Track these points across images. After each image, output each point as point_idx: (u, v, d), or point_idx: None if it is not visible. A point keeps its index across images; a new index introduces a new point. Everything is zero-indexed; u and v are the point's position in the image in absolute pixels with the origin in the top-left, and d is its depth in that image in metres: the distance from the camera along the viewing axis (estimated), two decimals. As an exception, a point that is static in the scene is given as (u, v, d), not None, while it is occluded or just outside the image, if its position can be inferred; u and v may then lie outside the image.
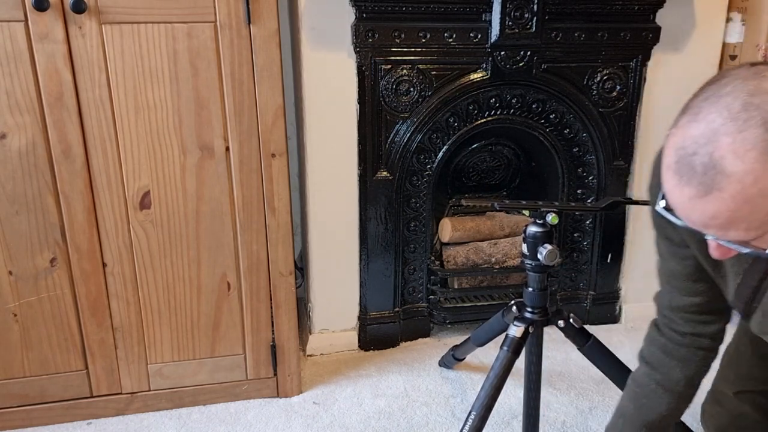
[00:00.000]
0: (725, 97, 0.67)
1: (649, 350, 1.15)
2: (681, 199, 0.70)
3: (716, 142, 0.66)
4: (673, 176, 0.70)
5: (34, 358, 1.48)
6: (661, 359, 1.11)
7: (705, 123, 0.67)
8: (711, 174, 0.66)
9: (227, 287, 1.52)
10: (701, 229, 0.72)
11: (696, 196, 0.68)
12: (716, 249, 0.76)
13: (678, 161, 0.69)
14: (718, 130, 0.66)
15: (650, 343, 1.15)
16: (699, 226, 0.72)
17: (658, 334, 1.13)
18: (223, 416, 1.57)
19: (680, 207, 0.72)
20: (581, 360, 1.61)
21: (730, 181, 0.66)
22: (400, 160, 1.74)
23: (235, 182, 1.44)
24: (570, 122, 1.81)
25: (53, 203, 1.37)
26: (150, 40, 1.31)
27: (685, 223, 0.73)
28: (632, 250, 2.00)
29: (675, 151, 0.70)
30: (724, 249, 0.75)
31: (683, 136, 0.69)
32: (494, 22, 1.64)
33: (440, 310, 1.92)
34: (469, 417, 1.28)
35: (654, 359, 1.12)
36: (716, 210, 0.68)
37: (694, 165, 0.67)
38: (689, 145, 0.68)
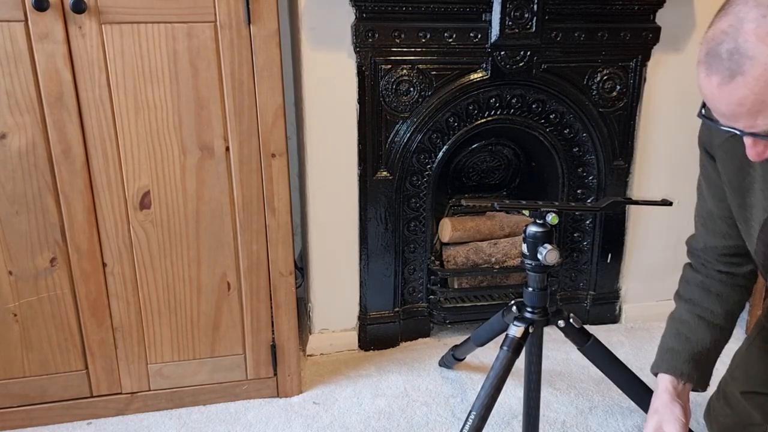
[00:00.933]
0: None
1: (686, 289, 1.20)
2: (710, 88, 0.74)
3: (741, 29, 0.70)
4: (703, 68, 0.75)
5: (34, 358, 1.48)
6: (701, 295, 1.17)
7: (733, 14, 0.72)
8: (735, 59, 0.71)
9: (227, 287, 1.52)
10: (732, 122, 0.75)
11: (722, 83, 0.72)
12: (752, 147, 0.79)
13: (707, 53, 0.74)
14: (744, 18, 0.71)
15: (687, 282, 1.21)
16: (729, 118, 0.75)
17: (695, 273, 1.19)
18: (223, 416, 1.57)
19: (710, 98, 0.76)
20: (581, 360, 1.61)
21: (753, 63, 0.69)
22: (400, 160, 1.74)
23: (235, 182, 1.44)
24: (570, 122, 1.81)
25: (53, 203, 1.37)
26: (150, 40, 1.31)
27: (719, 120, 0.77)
28: (632, 250, 2.00)
29: (705, 44, 0.75)
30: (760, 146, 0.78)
31: (713, 30, 0.74)
32: (494, 22, 1.64)
33: (440, 310, 1.92)
34: (469, 417, 1.28)
35: (694, 296, 1.18)
36: (742, 95, 0.71)
37: (720, 53, 0.72)
38: (718, 35, 0.73)
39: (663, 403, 1.13)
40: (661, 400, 1.14)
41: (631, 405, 1.54)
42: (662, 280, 2.03)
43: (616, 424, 1.54)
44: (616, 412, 1.59)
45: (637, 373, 1.45)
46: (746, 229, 1.04)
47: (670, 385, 1.15)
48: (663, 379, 1.17)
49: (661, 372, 1.18)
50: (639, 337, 1.97)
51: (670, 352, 1.18)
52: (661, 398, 1.15)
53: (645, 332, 2.00)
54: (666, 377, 1.17)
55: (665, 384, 1.16)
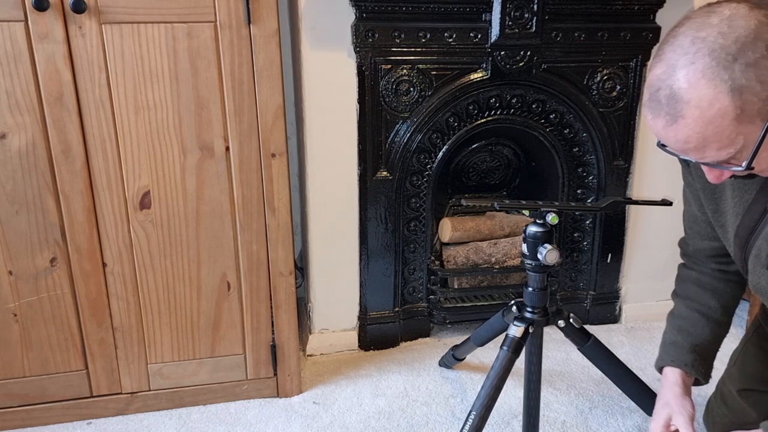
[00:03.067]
0: (679, 36, 0.78)
1: (682, 287, 1.25)
2: (657, 129, 0.81)
3: (674, 75, 0.77)
4: (648, 112, 0.81)
5: (34, 358, 1.48)
6: (697, 291, 1.21)
7: (665, 61, 0.78)
8: (673, 104, 0.77)
9: (227, 287, 1.52)
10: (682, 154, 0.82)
11: (667, 125, 0.79)
12: (710, 172, 0.86)
13: (649, 98, 0.80)
14: (674, 65, 0.77)
15: (683, 280, 1.26)
16: (679, 151, 0.82)
17: (690, 271, 1.24)
18: (223, 416, 1.57)
19: (660, 136, 0.83)
20: (581, 360, 1.61)
21: (689, 107, 0.76)
22: (400, 160, 1.74)
23: (235, 182, 1.44)
24: (570, 122, 1.81)
25: (53, 203, 1.37)
26: (150, 40, 1.31)
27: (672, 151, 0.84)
28: (632, 250, 2.00)
29: (647, 90, 0.81)
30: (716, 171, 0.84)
31: (651, 77, 0.81)
32: (494, 22, 1.64)
33: (440, 310, 1.92)
34: (469, 417, 1.28)
35: (690, 293, 1.22)
36: (686, 135, 0.78)
37: (659, 99, 0.79)
38: (655, 82, 0.79)
39: (675, 395, 1.15)
40: (673, 393, 1.15)
41: (631, 405, 1.54)
42: (662, 280, 2.03)
43: (616, 424, 1.54)
44: (616, 412, 1.59)
45: (637, 373, 1.45)
46: (723, 234, 1.07)
47: (679, 378, 1.17)
48: (672, 372, 1.18)
49: (667, 365, 1.20)
50: (639, 337, 1.97)
51: (673, 345, 1.20)
52: (672, 390, 1.16)
53: (645, 332, 2.00)
54: (674, 370, 1.18)
55: (675, 377, 1.17)
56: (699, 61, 0.74)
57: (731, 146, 0.77)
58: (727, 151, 0.77)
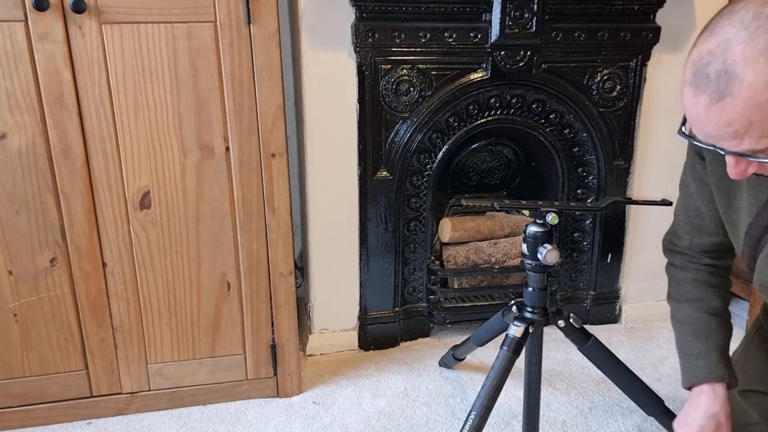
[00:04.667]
0: (739, 11, 0.71)
1: (681, 290, 1.18)
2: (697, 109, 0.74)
3: (729, 50, 0.69)
4: (690, 88, 0.74)
5: (34, 358, 1.48)
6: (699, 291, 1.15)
7: (720, 35, 0.71)
8: (724, 80, 0.70)
9: (227, 287, 1.52)
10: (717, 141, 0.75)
11: (710, 104, 0.72)
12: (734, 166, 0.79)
13: (695, 73, 0.73)
14: (731, 39, 0.70)
15: (680, 283, 1.19)
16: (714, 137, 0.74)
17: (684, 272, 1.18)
18: (223, 416, 1.57)
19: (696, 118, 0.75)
20: (581, 360, 1.61)
21: (742, 86, 0.69)
22: (400, 160, 1.74)
23: (235, 182, 1.44)
24: (570, 122, 1.81)
25: (53, 203, 1.37)
26: (150, 40, 1.31)
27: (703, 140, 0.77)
28: (632, 250, 2.00)
29: (692, 65, 0.74)
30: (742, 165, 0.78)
31: (699, 51, 0.73)
32: (494, 22, 1.64)
33: (440, 310, 1.92)
34: (469, 417, 1.28)
35: (692, 294, 1.16)
36: (730, 116, 0.71)
37: (708, 74, 0.71)
38: (705, 56, 0.72)
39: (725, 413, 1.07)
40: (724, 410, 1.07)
41: (631, 405, 1.54)
42: (662, 280, 2.00)
43: (616, 424, 1.54)
44: (616, 412, 1.59)
45: (637, 373, 1.45)
46: (733, 231, 1.04)
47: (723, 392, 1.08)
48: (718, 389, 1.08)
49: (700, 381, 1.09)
50: (639, 337, 1.97)
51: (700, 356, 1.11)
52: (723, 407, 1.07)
53: (645, 332, 2.00)
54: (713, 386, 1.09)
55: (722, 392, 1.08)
56: (760, 37, 0.68)
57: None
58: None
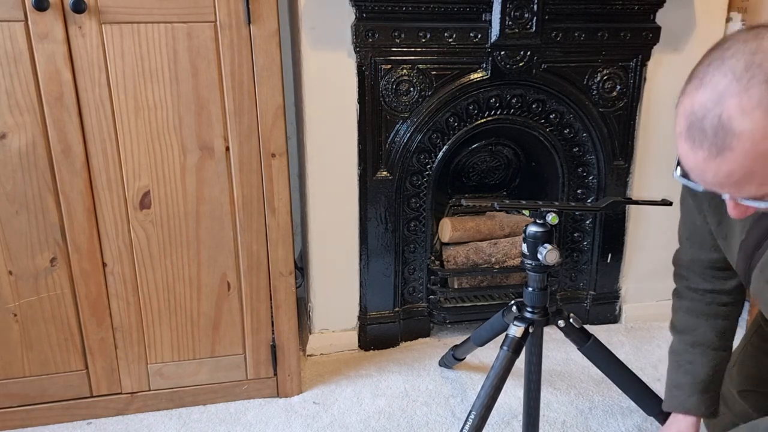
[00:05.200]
0: (729, 60, 0.69)
1: (676, 318, 1.19)
2: (695, 162, 0.73)
3: (723, 103, 0.68)
4: (686, 141, 0.72)
5: (34, 358, 1.48)
6: (689, 321, 1.15)
7: (711, 86, 0.69)
8: (721, 135, 0.68)
9: (227, 287, 1.52)
10: (717, 189, 0.74)
11: (709, 158, 0.70)
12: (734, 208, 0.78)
13: (689, 127, 0.72)
14: (724, 92, 0.68)
15: (676, 311, 1.20)
16: (714, 186, 0.74)
17: (681, 300, 1.18)
18: (223, 416, 1.57)
19: (695, 170, 0.74)
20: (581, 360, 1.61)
21: (740, 139, 0.68)
22: (400, 160, 1.74)
23: (235, 182, 1.44)
24: (570, 122, 1.81)
25: (53, 203, 1.37)
26: (150, 40, 1.31)
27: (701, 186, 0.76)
28: (632, 250, 2.00)
29: (685, 117, 0.72)
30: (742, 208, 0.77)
31: (692, 102, 0.71)
32: (494, 22, 1.64)
33: (440, 310, 1.92)
34: (469, 417, 1.28)
35: (682, 324, 1.17)
36: (730, 169, 0.70)
37: (704, 128, 0.70)
38: (698, 109, 0.70)
39: None
40: None
41: (631, 405, 1.54)
42: (662, 280, 2.02)
43: (616, 424, 1.54)
44: (616, 412, 1.59)
45: (637, 373, 1.45)
46: (726, 246, 1.03)
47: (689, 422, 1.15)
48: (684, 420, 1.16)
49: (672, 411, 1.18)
50: (639, 337, 1.97)
51: (677, 388, 1.17)
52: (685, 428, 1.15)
53: (645, 332, 2.00)
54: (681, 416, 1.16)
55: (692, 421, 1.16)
56: (754, 88, 0.67)
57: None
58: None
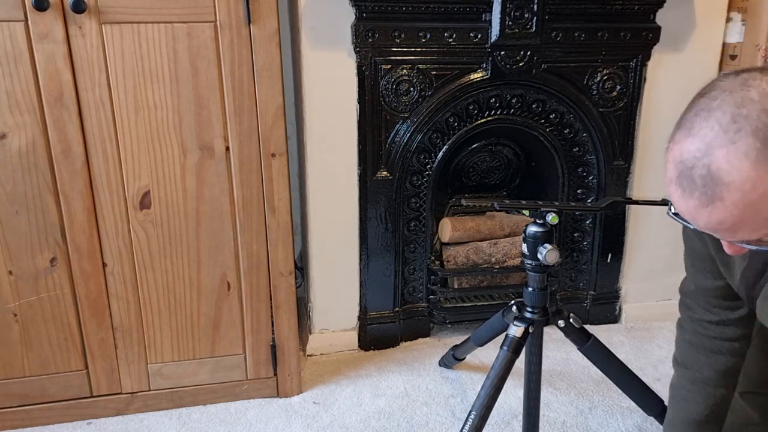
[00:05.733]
0: (715, 111, 0.70)
1: (678, 351, 1.17)
2: (686, 209, 0.74)
3: (711, 155, 0.69)
4: (676, 189, 0.74)
5: (34, 358, 1.48)
6: (690, 356, 1.13)
7: (699, 137, 0.71)
8: (711, 185, 0.70)
9: (227, 287, 1.52)
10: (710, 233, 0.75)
11: (700, 206, 0.72)
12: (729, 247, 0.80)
13: (679, 175, 0.73)
14: (711, 143, 0.69)
15: (679, 344, 1.18)
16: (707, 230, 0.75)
17: (684, 332, 1.16)
18: (223, 416, 1.57)
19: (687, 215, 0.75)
20: (581, 360, 1.61)
21: (730, 190, 0.69)
22: (400, 160, 1.74)
23: (235, 182, 1.44)
24: (570, 122, 1.81)
25: (53, 203, 1.37)
26: (150, 40, 1.31)
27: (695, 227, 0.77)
28: (632, 250, 2.00)
29: (675, 165, 0.73)
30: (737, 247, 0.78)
31: (680, 151, 0.73)
32: (494, 22, 1.64)
33: (440, 310, 1.92)
34: (469, 417, 1.28)
35: (683, 358, 1.15)
36: (721, 217, 0.71)
37: (693, 178, 0.71)
38: (687, 159, 0.72)
39: None
40: None
41: (631, 405, 1.54)
42: (662, 280, 2.03)
43: (616, 424, 1.54)
44: (616, 412, 1.59)
45: (637, 373, 1.45)
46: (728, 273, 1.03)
47: None
48: None
49: None
50: (639, 337, 1.97)
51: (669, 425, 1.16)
52: None
53: (645, 332, 2.00)
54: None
55: None
56: (741, 140, 0.68)
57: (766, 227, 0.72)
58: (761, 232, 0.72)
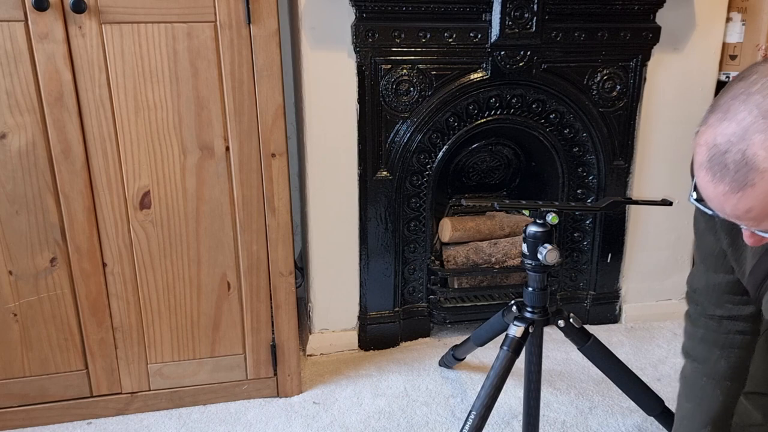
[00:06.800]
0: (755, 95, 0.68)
1: (690, 344, 1.16)
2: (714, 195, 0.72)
3: (748, 139, 0.67)
4: (706, 174, 0.72)
5: (34, 358, 1.48)
6: (704, 351, 1.12)
7: (736, 121, 0.68)
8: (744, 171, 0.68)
9: (227, 287, 1.52)
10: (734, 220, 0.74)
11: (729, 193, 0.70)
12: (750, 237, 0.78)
13: (710, 159, 0.71)
14: (749, 128, 0.67)
15: (690, 336, 1.16)
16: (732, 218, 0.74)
17: (695, 327, 1.14)
18: (223, 416, 1.57)
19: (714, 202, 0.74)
20: (581, 360, 1.61)
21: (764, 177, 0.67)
22: (400, 160, 1.74)
23: (235, 182, 1.44)
24: (570, 122, 1.81)
25: (53, 203, 1.37)
26: (150, 40, 1.31)
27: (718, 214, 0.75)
28: (632, 250, 2.00)
29: (707, 149, 0.71)
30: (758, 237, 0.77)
31: (714, 134, 0.70)
32: (494, 22, 1.64)
33: (440, 310, 1.92)
34: (469, 417, 1.28)
35: (697, 353, 1.14)
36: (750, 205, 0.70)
37: (726, 162, 0.69)
38: (721, 143, 0.70)
39: None
40: None
41: (631, 405, 1.54)
42: (662, 280, 2.03)
43: (616, 424, 1.54)
44: (616, 412, 1.59)
45: (637, 373, 1.45)
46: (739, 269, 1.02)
47: None
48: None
49: None
50: (639, 337, 1.97)
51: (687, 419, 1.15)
52: None
53: (645, 332, 2.00)
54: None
55: None
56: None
57: None
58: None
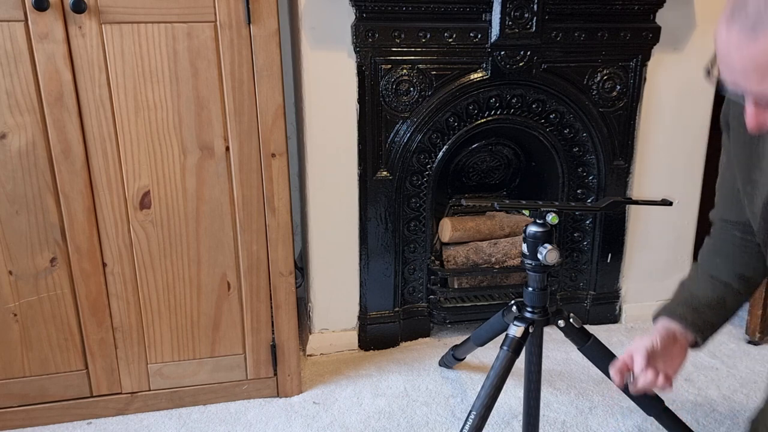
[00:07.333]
0: None
1: (701, 255, 1.21)
2: (728, 42, 0.75)
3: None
4: (725, 23, 0.75)
5: (34, 358, 1.48)
6: (710, 256, 1.17)
7: None
8: (762, 15, 0.71)
9: (227, 287, 1.52)
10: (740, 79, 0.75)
11: (741, 37, 0.73)
12: (754, 115, 0.80)
13: (733, 8, 0.74)
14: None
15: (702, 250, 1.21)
16: (739, 73, 0.75)
17: (709, 239, 1.20)
18: (223, 416, 1.57)
19: (725, 51, 0.76)
20: (581, 360, 1.61)
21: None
22: (400, 160, 1.74)
23: (235, 182, 1.44)
24: (570, 122, 1.81)
25: (53, 203, 1.37)
26: (150, 40, 1.31)
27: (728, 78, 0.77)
28: (632, 250, 2.00)
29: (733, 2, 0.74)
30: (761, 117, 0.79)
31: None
32: (494, 22, 1.64)
33: (440, 310, 1.92)
34: (469, 417, 1.28)
35: (703, 258, 1.19)
36: (758, 52, 0.72)
37: (747, 8, 0.72)
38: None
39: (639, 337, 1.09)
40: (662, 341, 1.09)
41: (631, 405, 1.54)
42: (662, 280, 2.03)
43: (616, 424, 1.54)
44: (616, 412, 1.59)
45: (637, 373, 1.45)
46: (750, 206, 1.03)
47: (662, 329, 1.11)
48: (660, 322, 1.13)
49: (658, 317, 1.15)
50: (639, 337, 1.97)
51: (671, 300, 1.16)
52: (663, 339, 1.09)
53: (645, 332, 1.99)
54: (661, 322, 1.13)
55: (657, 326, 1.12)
56: None
57: None
58: None
